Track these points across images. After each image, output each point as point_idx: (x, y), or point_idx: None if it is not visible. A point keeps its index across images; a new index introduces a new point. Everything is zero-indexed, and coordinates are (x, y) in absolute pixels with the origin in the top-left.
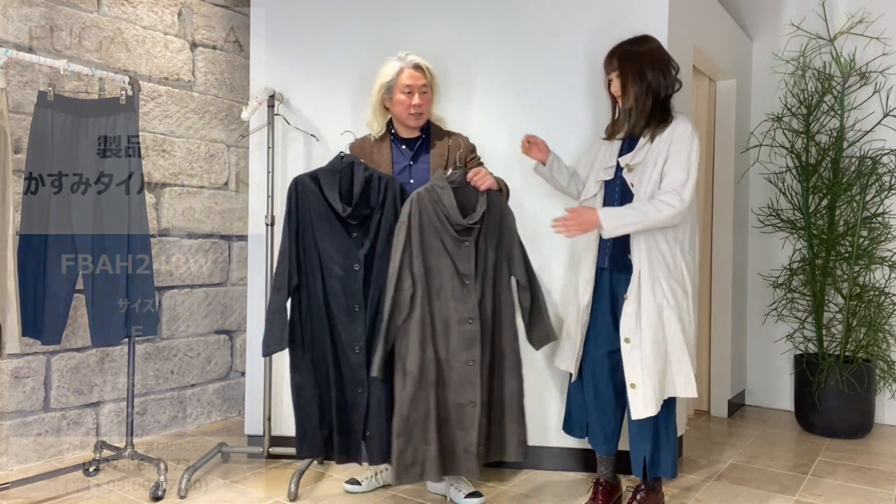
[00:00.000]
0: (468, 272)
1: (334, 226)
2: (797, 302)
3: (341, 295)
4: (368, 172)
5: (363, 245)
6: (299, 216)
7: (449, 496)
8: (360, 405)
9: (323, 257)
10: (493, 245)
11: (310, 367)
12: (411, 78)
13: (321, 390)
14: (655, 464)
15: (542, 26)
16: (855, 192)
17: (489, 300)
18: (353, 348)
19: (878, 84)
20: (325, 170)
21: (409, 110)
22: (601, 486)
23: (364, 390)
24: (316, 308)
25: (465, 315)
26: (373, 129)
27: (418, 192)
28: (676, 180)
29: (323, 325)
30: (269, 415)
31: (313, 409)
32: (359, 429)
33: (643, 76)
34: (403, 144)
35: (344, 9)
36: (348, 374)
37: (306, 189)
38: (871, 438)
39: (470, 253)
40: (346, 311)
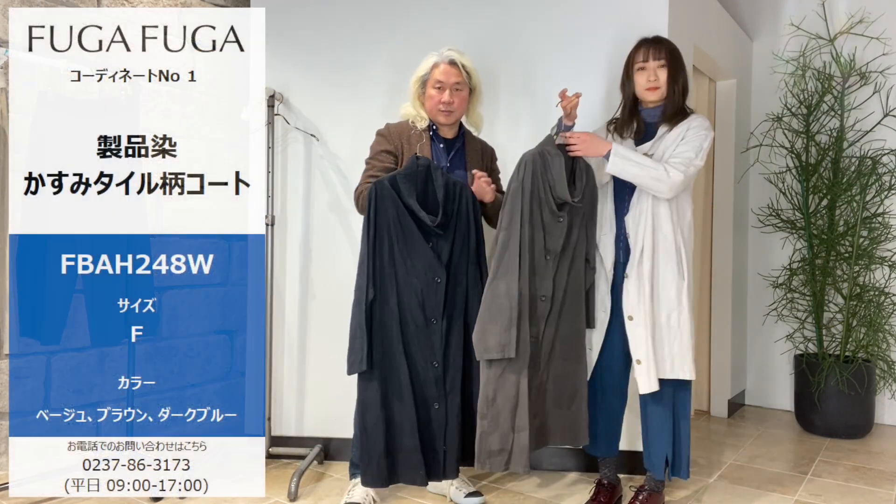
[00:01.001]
0: (554, 249)
1: (414, 235)
2: (797, 302)
3: (419, 308)
4: (445, 178)
5: (442, 256)
6: (377, 224)
7: (449, 496)
8: (437, 421)
9: (398, 269)
10: (581, 222)
11: (378, 386)
12: (444, 74)
13: (389, 412)
14: (677, 465)
15: (540, 25)
16: (855, 192)
17: (563, 278)
18: (431, 363)
19: (878, 84)
20: (402, 174)
21: (438, 106)
22: (603, 487)
23: (441, 406)
24: (390, 322)
25: (542, 292)
26: (415, 119)
27: (532, 156)
28: (686, 156)
29: (397, 340)
30: (269, 415)
31: (379, 434)
32: (439, 447)
33: (682, 73)
34: (442, 143)
35: (344, 9)
36: (425, 391)
37: (384, 194)
38: (871, 438)
39: (563, 230)
40: (423, 325)
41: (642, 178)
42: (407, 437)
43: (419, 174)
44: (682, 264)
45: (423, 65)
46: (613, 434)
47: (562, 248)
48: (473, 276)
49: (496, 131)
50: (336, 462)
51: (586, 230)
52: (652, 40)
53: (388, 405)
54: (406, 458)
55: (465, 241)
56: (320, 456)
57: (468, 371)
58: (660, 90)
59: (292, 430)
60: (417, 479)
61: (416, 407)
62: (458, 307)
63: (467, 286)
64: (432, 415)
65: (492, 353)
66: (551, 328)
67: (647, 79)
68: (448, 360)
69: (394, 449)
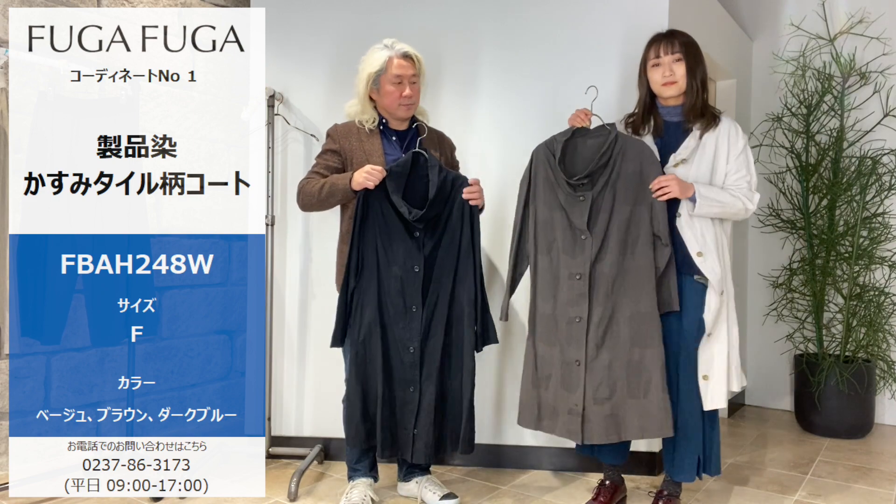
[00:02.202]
0: (582, 226)
1: (396, 225)
2: (797, 302)
3: (398, 295)
4: (444, 174)
5: (425, 246)
6: (363, 217)
7: (421, 498)
8: (411, 403)
9: (380, 258)
10: (629, 199)
11: (355, 364)
12: (401, 68)
13: (364, 386)
14: (713, 464)
15: (542, 26)
16: (855, 192)
17: (613, 257)
18: (407, 348)
19: (878, 84)
20: (394, 171)
21: (399, 101)
22: (605, 487)
23: (416, 389)
24: (371, 306)
25: (575, 270)
26: (365, 121)
27: (537, 147)
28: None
29: (375, 324)
30: (269, 415)
31: (357, 402)
32: (409, 426)
33: (700, 67)
34: (394, 136)
35: (344, 9)
36: (400, 373)
37: (370, 191)
38: (871, 438)
39: (585, 207)
40: (402, 312)
41: (726, 215)
42: (382, 410)
43: (411, 168)
44: (728, 280)
45: (374, 60)
46: (622, 443)
47: (596, 227)
48: (464, 269)
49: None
50: (336, 462)
51: (649, 208)
52: (664, 35)
53: (366, 380)
54: (379, 427)
55: (455, 236)
56: (320, 456)
57: (446, 362)
58: (677, 84)
59: (292, 430)
60: (385, 448)
61: (392, 387)
62: (442, 298)
63: (455, 279)
64: (407, 397)
65: (499, 317)
66: (600, 307)
67: (663, 74)
68: (426, 347)
69: (369, 417)
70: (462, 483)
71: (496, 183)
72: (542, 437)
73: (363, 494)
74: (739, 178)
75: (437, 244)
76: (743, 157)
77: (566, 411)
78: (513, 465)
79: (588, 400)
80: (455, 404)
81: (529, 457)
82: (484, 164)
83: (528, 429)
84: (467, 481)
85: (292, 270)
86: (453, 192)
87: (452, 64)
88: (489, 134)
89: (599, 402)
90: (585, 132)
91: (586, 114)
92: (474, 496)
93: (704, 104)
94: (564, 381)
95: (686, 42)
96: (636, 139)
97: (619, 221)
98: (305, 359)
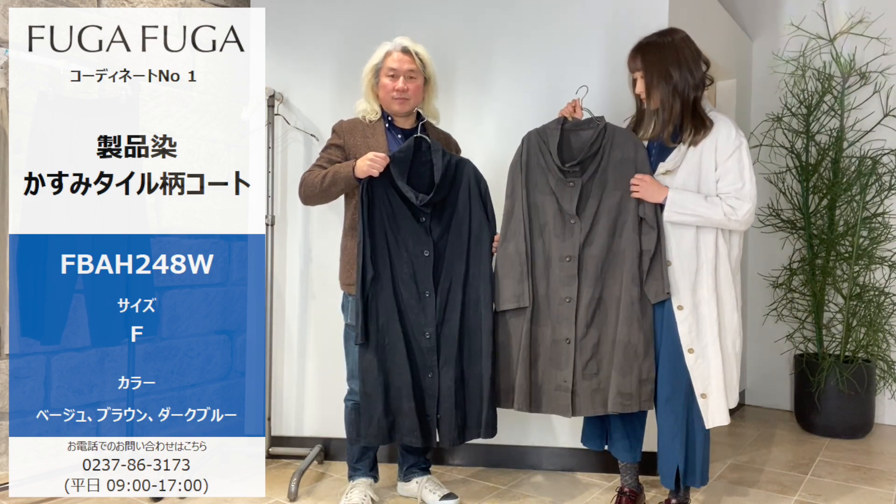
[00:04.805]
0: (571, 211)
1: (402, 211)
2: (797, 302)
3: (411, 280)
4: (447, 158)
5: (433, 230)
6: (371, 205)
7: (421, 498)
8: (430, 389)
9: (391, 245)
10: (619, 185)
11: (376, 353)
12: (397, 61)
13: (387, 377)
14: (690, 474)
15: (541, 26)
16: (855, 192)
17: (602, 240)
18: (423, 334)
19: (878, 84)
20: (398, 156)
21: (392, 94)
22: (624, 495)
23: (434, 375)
24: (386, 294)
25: (565, 253)
26: (367, 113)
27: (529, 133)
28: (733, 188)
29: (392, 310)
30: (269, 415)
31: (378, 396)
32: (432, 412)
33: (668, 77)
34: (399, 134)
35: (344, 8)
36: (420, 359)
37: (374, 178)
38: (871, 438)
39: (575, 192)
40: (416, 297)
41: (707, 223)
42: (405, 401)
43: (415, 154)
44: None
45: (376, 54)
46: (634, 437)
47: (585, 212)
48: (476, 253)
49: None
50: (336, 462)
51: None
52: (633, 48)
53: (386, 371)
54: (403, 420)
55: (464, 219)
56: (320, 456)
57: (464, 347)
58: (649, 99)
59: (292, 430)
60: (414, 439)
61: (413, 374)
62: (455, 283)
63: (468, 262)
64: (426, 384)
65: (508, 303)
66: (590, 289)
67: (637, 89)
68: (442, 332)
69: (392, 410)
70: (462, 483)
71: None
72: (542, 437)
73: (363, 494)
74: (727, 184)
75: (447, 228)
76: (733, 161)
77: (553, 388)
78: (513, 465)
79: (577, 376)
80: (475, 388)
81: (529, 457)
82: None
83: (522, 411)
84: (467, 481)
85: (292, 270)
86: (458, 174)
87: (455, 63)
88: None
89: (588, 377)
90: (577, 125)
91: (575, 106)
92: (474, 496)
93: (692, 113)
94: (554, 359)
95: (645, 49)
96: (625, 129)
97: (609, 206)
98: (305, 359)
